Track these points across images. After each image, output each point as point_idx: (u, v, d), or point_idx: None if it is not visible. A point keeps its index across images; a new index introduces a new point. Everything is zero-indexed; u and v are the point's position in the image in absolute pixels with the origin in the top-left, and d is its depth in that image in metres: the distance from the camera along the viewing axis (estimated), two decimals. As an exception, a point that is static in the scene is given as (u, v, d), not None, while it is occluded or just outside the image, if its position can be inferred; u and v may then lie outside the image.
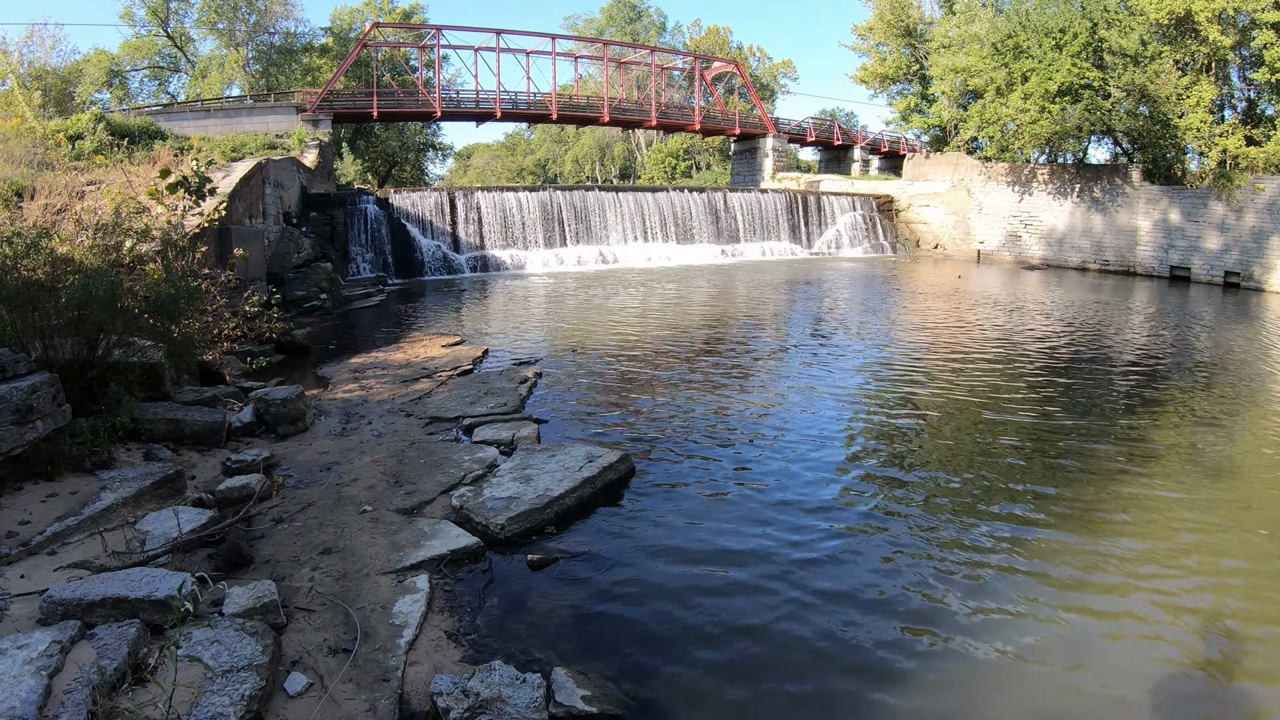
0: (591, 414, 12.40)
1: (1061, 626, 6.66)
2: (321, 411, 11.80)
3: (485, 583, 7.15)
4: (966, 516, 8.75)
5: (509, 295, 26.64)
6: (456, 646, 6.17)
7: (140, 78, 53.52)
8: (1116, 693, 5.83)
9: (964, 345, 18.48)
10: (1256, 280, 31.46)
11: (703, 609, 6.84)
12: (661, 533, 8.28)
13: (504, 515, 8.07)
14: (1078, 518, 8.73)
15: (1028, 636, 6.51)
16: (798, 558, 7.77)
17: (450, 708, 5.16)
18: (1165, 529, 8.50)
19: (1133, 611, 6.91)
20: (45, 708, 4.64)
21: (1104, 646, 6.41)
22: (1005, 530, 8.40)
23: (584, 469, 9.22)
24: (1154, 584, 7.35)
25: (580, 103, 53.89)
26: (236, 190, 20.71)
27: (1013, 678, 6.00)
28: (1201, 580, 7.47)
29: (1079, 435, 11.49)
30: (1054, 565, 7.68)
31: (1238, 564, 7.78)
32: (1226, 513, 8.95)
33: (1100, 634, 6.57)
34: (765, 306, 24.88)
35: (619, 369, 15.41)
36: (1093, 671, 6.09)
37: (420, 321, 21.02)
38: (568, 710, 5.35)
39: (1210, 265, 33.53)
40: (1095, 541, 8.16)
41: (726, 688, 5.85)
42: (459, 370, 14.62)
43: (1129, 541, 8.17)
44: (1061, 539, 8.22)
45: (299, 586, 6.72)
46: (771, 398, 13.47)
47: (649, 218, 38.81)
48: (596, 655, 6.15)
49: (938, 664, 6.14)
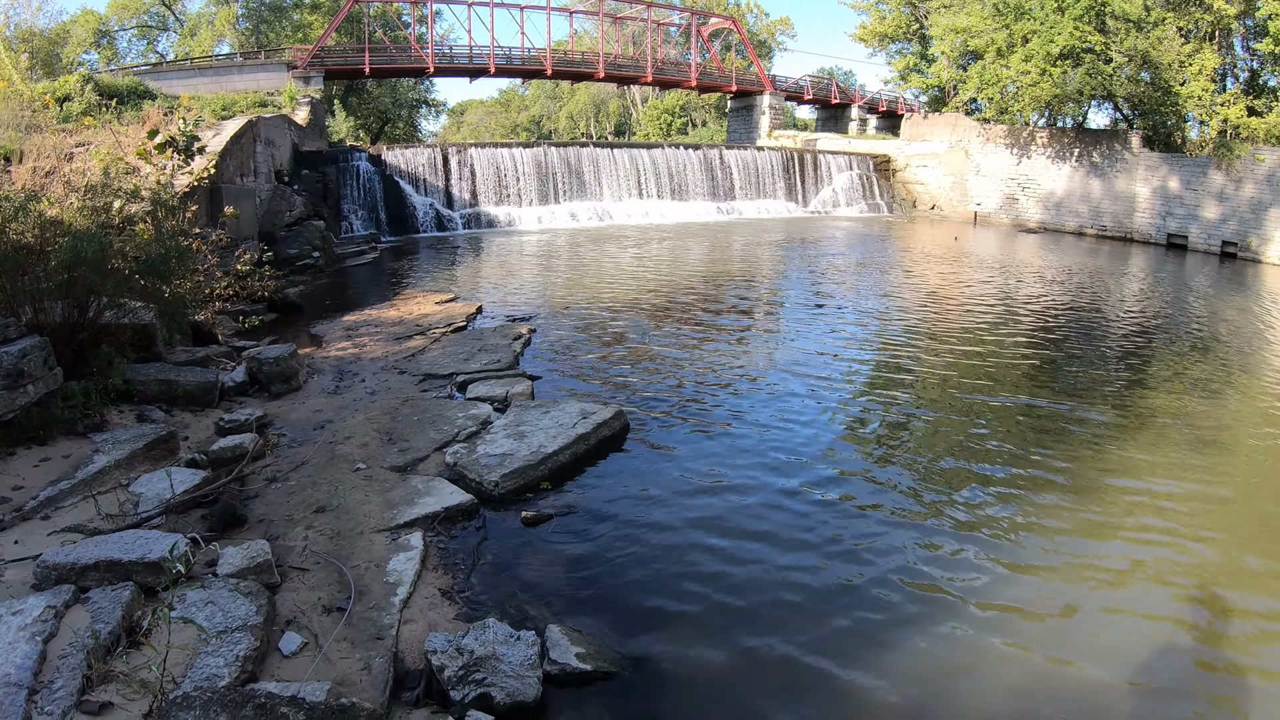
0: (586, 370, 12.34)
1: (1052, 589, 6.65)
2: (315, 370, 11.70)
3: (479, 540, 7.12)
4: (959, 478, 8.72)
5: (503, 252, 26.44)
6: (450, 604, 6.15)
7: (128, 37, 52.56)
8: (1106, 656, 5.82)
9: (959, 307, 18.39)
10: (1253, 251, 31.20)
11: (697, 566, 6.82)
12: (656, 489, 8.25)
13: (498, 472, 8.03)
14: (1070, 481, 8.70)
15: (1018, 599, 6.49)
16: (792, 516, 7.75)
17: (444, 666, 5.14)
18: (1157, 494, 8.47)
19: (1124, 576, 6.90)
20: (40, 673, 4.59)
21: (1094, 610, 6.39)
22: (996, 492, 8.38)
23: (578, 425, 9.18)
24: (1145, 549, 7.34)
25: (575, 58, 53.22)
26: (227, 149, 20.43)
27: (1003, 640, 5.97)
28: (1192, 545, 7.46)
29: (1072, 399, 11.44)
30: (1045, 527, 7.68)
31: (1229, 530, 7.76)
32: (1218, 479, 8.92)
33: (1091, 597, 6.56)
34: (761, 264, 24.74)
35: (613, 326, 15.32)
36: (1083, 635, 6.08)
37: (413, 279, 20.87)
38: (562, 668, 5.34)
39: (1208, 234, 33.25)
40: (1087, 505, 8.13)
41: (720, 644, 5.84)
42: (452, 327, 14.52)
43: (1121, 506, 8.15)
44: (1053, 501, 8.21)
45: (293, 545, 6.68)
46: (766, 355, 13.41)
47: (644, 175, 38.41)
48: (591, 612, 6.13)
49: (929, 625, 6.12)
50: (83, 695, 4.56)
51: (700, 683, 5.47)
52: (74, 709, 4.45)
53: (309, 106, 34.39)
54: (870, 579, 6.69)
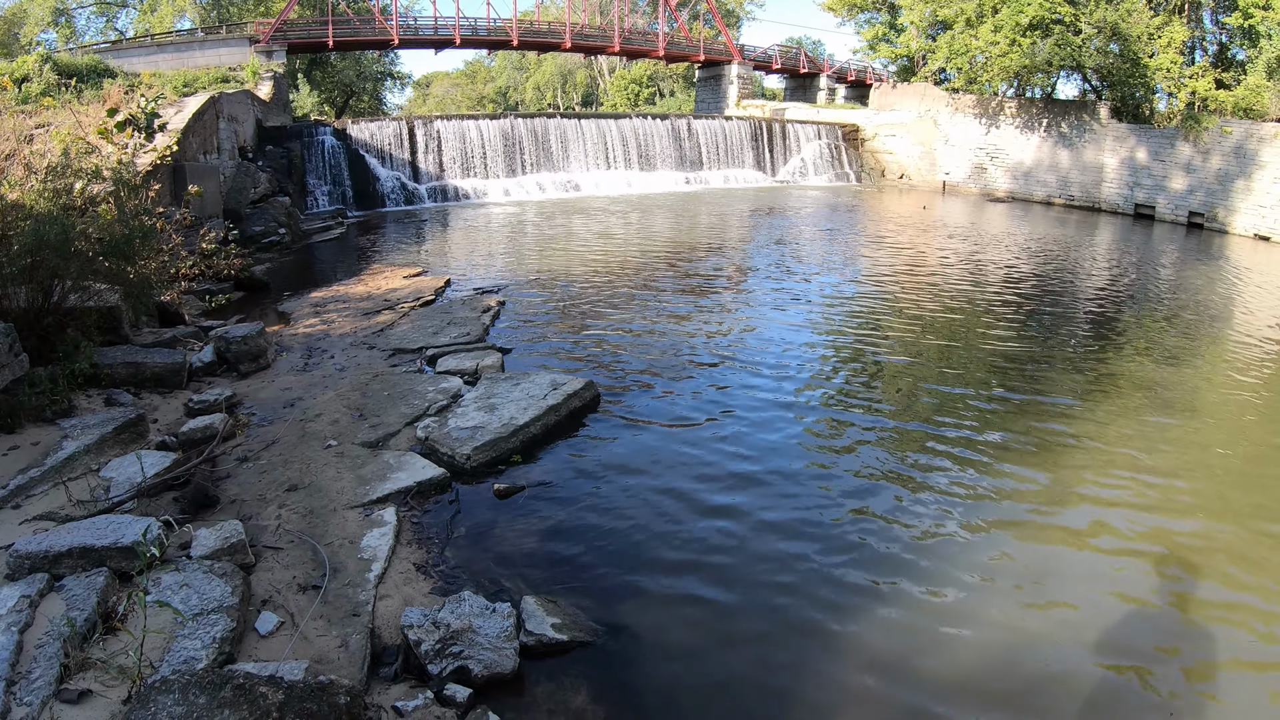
0: (556, 342, 12.30)
1: (1018, 556, 6.72)
2: (283, 348, 11.57)
3: (452, 514, 7.12)
4: (928, 444, 8.79)
5: (470, 225, 26.20)
6: (425, 578, 6.15)
7: (87, 15, 51.15)
8: (1072, 623, 5.89)
9: (927, 275, 18.45)
10: (1220, 222, 31.35)
11: (669, 534, 6.86)
12: (627, 459, 8.27)
13: (469, 445, 8.02)
14: (1037, 449, 8.78)
15: (985, 567, 6.56)
16: (764, 484, 7.79)
17: (421, 640, 5.14)
18: (1123, 461, 8.55)
19: (1091, 540, 6.98)
20: (18, 664, 4.56)
21: (1061, 577, 6.45)
22: (965, 459, 8.45)
23: (549, 397, 9.16)
24: (1111, 516, 7.41)
25: (542, 29, 52.47)
26: (189, 126, 20.05)
27: (969, 609, 6.04)
28: (1160, 508, 7.56)
29: (1040, 367, 11.53)
30: (1012, 492, 7.76)
31: (1193, 497, 7.85)
32: (1184, 447, 9.00)
33: (1057, 565, 6.63)
34: (729, 234, 24.67)
35: (583, 297, 15.26)
36: (1049, 600, 6.15)
37: (381, 253, 20.67)
38: (538, 639, 5.36)
39: (1175, 205, 33.37)
40: (1053, 473, 8.21)
41: (696, 613, 5.89)
42: (421, 301, 14.45)
43: (1088, 473, 8.22)
44: (1020, 470, 8.28)
45: (266, 525, 6.65)
46: (735, 325, 13.43)
47: (612, 145, 38.10)
48: (565, 583, 6.16)
49: (902, 593, 6.19)
50: (61, 684, 4.53)
51: (677, 651, 5.51)
52: (53, 698, 4.42)
53: (272, 81, 33.79)
54: (844, 547, 6.75)
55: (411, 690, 4.95)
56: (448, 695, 4.86)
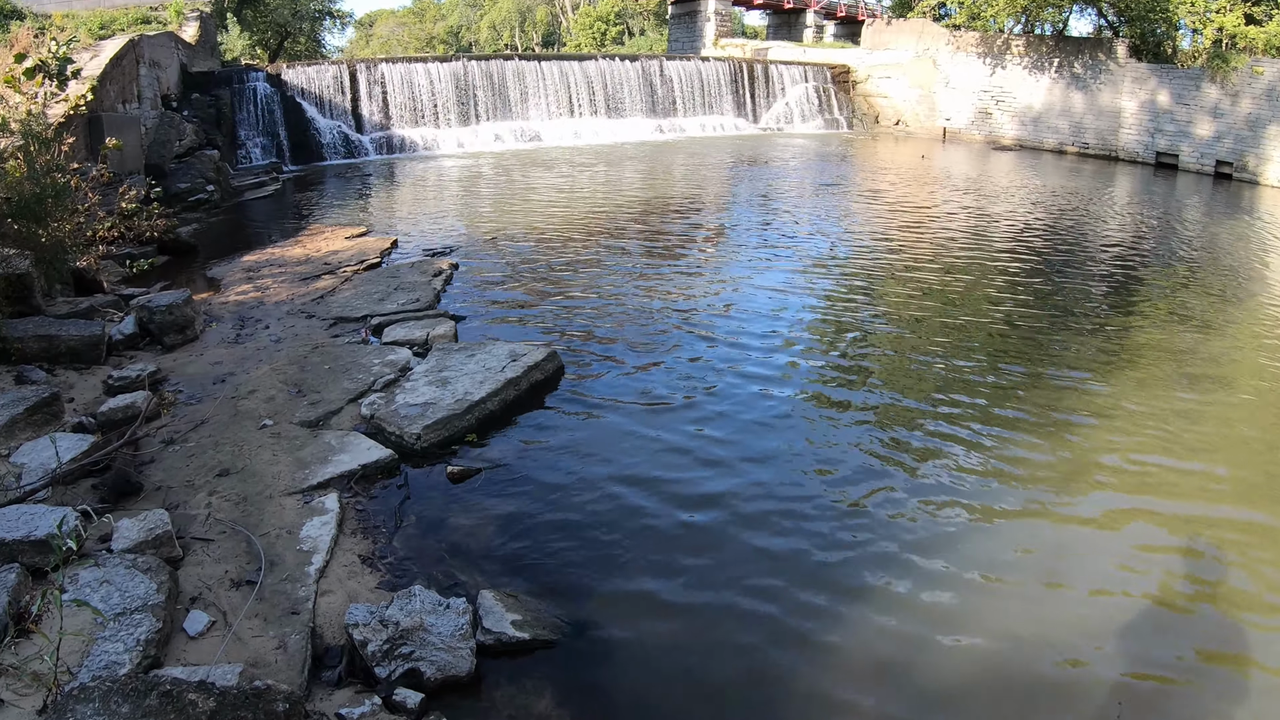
0: (514, 308, 12.25)
1: (1029, 540, 6.75)
2: (213, 317, 11.44)
3: (401, 499, 7.09)
4: (927, 419, 8.80)
5: (419, 179, 25.96)
6: (372, 572, 6.12)
7: (-11, -54, 50.44)
8: (1090, 612, 5.92)
9: (927, 233, 18.48)
10: (1250, 172, 31.20)
11: (641, 521, 6.86)
12: (595, 439, 8.25)
13: (419, 423, 7.97)
14: (1051, 423, 8.80)
15: (994, 551, 6.59)
16: (745, 471, 7.76)
17: (367, 640, 5.12)
18: (1146, 435, 8.58)
19: (1110, 537, 6.95)
20: (-81, 673, 4.51)
21: (1078, 563, 6.48)
22: (971, 436, 8.46)
23: (507, 369, 9.11)
24: (1133, 495, 7.43)
25: (493, -41, 52.06)
26: (106, 73, 19.64)
27: (979, 596, 6.06)
28: (1184, 491, 7.57)
29: (1053, 333, 11.56)
30: (1025, 474, 7.76)
31: (1223, 474, 7.88)
32: (1215, 425, 9.00)
33: (1074, 549, 6.65)
34: (707, 188, 24.59)
35: (544, 258, 15.19)
36: (1065, 590, 6.16)
37: (321, 212, 20.45)
38: (497, 637, 5.35)
39: (1200, 153, 33.24)
40: (1070, 449, 8.24)
41: (670, 606, 5.89)
42: (365, 264, 14.35)
43: (1108, 457, 8.19)
44: (1033, 444, 8.31)
45: (195, 514, 6.58)
46: (713, 290, 13.40)
47: (576, 90, 37.69)
48: (526, 575, 6.14)
49: (897, 580, 6.20)
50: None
51: (651, 651, 5.51)
52: (-43, 709, 4.38)
53: (198, 22, 33.13)
54: (834, 540, 6.74)
55: (357, 696, 4.92)
56: (397, 701, 4.84)
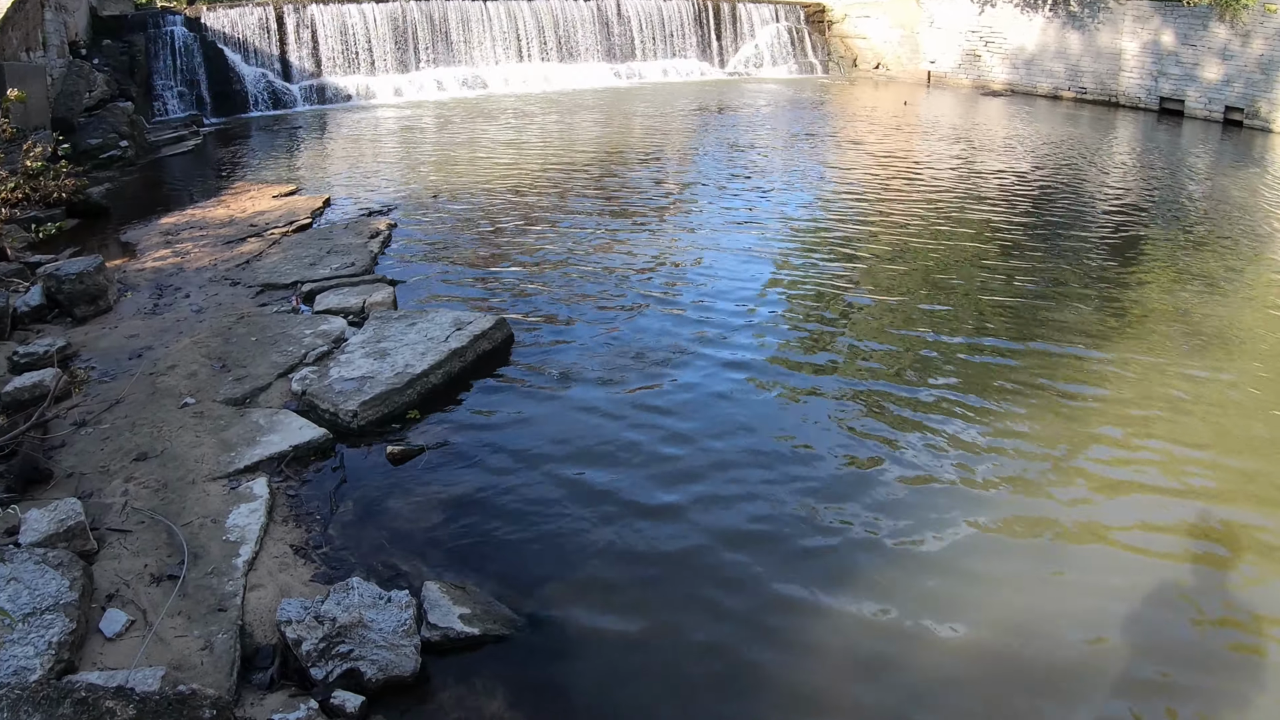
0: (459, 272, 12.15)
1: (1027, 522, 6.71)
2: (128, 286, 11.21)
3: (337, 483, 7.01)
4: (915, 396, 8.69)
5: (354, 132, 25.63)
6: (306, 563, 6.05)
7: None
8: (1090, 599, 5.88)
9: (911, 188, 18.40)
10: (1263, 119, 30.53)
11: (600, 503, 6.81)
12: (548, 413, 8.19)
13: (356, 400, 7.87)
14: (1046, 396, 8.74)
15: (986, 535, 6.54)
16: (709, 444, 7.71)
17: (302, 639, 5.03)
18: (1151, 405, 8.55)
19: (1110, 504, 6.94)
20: None
21: (1077, 546, 6.45)
22: (960, 411, 8.37)
23: (451, 339, 9.04)
24: (1135, 472, 7.41)
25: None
26: (8, 17, 19.12)
27: (969, 583, 6.01)
28: (1192, 463, 7.54)
29: (1049, 298, 11.47)
30: (1019, 451, 7.70)
31: (1232, 449, 7.85)
32: (1222, 387, 9.00)
33: (1072, 531, 6.61)
34: (669, 140, 24.41)
35: (491, 218, 15.04)
36: (1063, 575, 6.13)
37: (246, 168, 20.13)
38: (444, 633, 5.29)
39: (1208, 99, 32.73)
40: (1067, 425, 8.19)
41: (630, 597, 5.85)
42: (295, 225, 14.15)
43: (1106, 422, 8.20)
44: (1028, 419, 8.26)
45: (111, 503, 6.47)
46: (676, 251, 13.32)
47: (524, 32, 37.16)
48: (475, 565, 6.08)
49: (880, 569, 6.14)
50: None
51: (611, 643, 5.47)
52: None
53: (106, -41, 32.66)
54: (809, 518, 6.71)
55: (291, 700, 4.86)
56: (335, 704, 4.77)
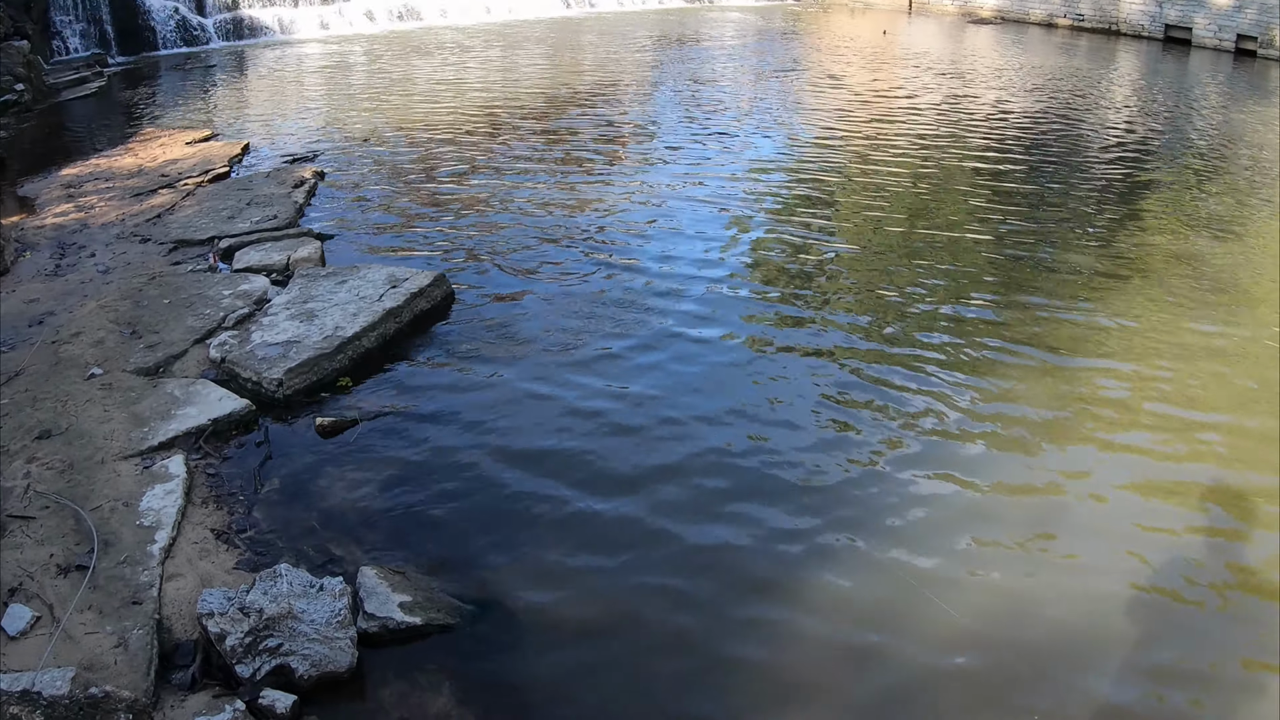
0: (393, 224, 12.06)
1: (1023, 492, 6.62)
2: (26, 245, 11.02)
3: (261, 459, 6.90)
4: (899, 360, 8.54)
5: (276, 70, 25.28)
6: (229, 549, 5.92)
7: None
8: (1094, 576, 5.80)
9: (892, 127, 18.31)
10: (1278, 47, 30.14)
11: (553, 480, 6.70)
12: (494, 379, 8.09)
13: (281, 367, 7.75)
14: (1043, 350, 8.67)
15: (980, 508, 6.45)
16: (671, 412, 7.62)
17: (226, 633, 4.90)
18: (1157, 363, 8.49)
19: (1118, 461, 6.90)
20: None
21: (1078, 517, 6.38)
22: (949, 375, 8.24)
23: (386, 298, 8.96)
24: (1142, 433, 7.34)
25: None
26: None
27: (961, 563, 5.92)
28: (1203, 423, 7.49)
29: (1045, 248, 11.40)
30: (1014, 416, 7.59)
31: (1248, 402, 7.81)
32: (1235, 338, 8.96)
33: (1074, 498, 6.55)
34: (625, 76, 24.31)
35: (429, 165, 14.94)
36: (1064, 551, 6.04)
37: (155, 112, 19.84)
38: (382, 623, 5.18)
39: (1218, 26, 32.14)
40: (1066, 382, 8.12)
41: (589, 582, 5.75)
42: (211, 175, 13.98)
43: (1110, 378, 8.15)
44: (1026, 370, 8.21)
45: (11, 486, 6.33)
46: (633, 200, 13.21)
47: (462, -46, 37.07)
48: (416, 548, 5.98)
49: (864, 549, 6.03)
50: None
51: (568, 632, 5.36)
52: None
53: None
54: (782, 490, 6.61)
55: (215, 700, 4.73)
56: (264, 705, 4.66)
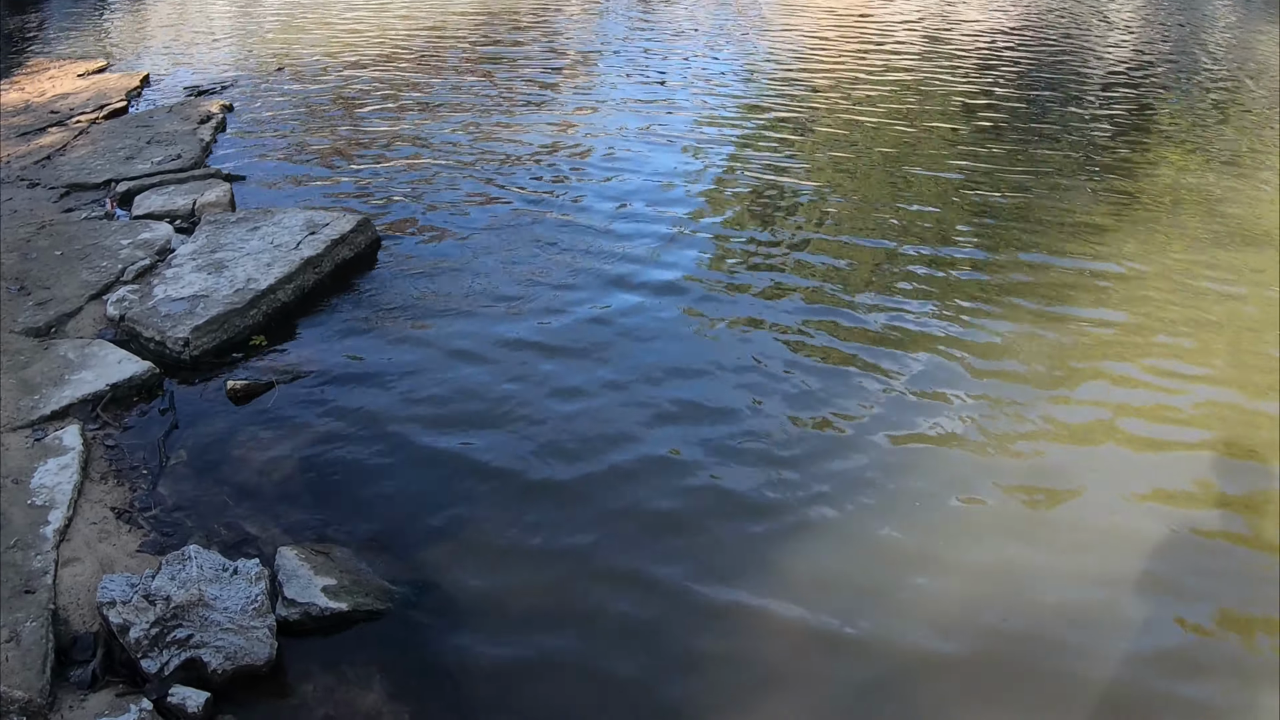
0: (311, 164, 11.81)
1: (1014, 463, 6.48)
2: (-105, 192, 10.59)
3: (167, 428, 6.68)
4: (877, 312, 8.34)
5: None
6: (132, 530, 5.71)
7: None
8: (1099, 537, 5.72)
9: (867, 50, 18.14)
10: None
11: (492, 448, 6.52)
12: (425, 333, 7.93)
13: (187, 324, 7.52)
14: (1037, 304, 8.51)
15: (967, 482, 6.28)
16: (623, 372, 7.47)
17: (129, 624, 4.71)
18: (1164, 317, 8.33)
19: (1117, 437, 6.74)
20: None
21: (1083, 471, 6.28)
22: (938, 328, 8.06)
23: (304, 245, 8.76)
24: (1148, 387, 7.23)
25: None
26: None
27: (949, 540, 5.77)
28: (1218, 377, 7.38)
29: (1039, 185, 11.22)
30: (1004, 374, 7.46)
31: (1263, 354, 7.72)
32: (1254, 283, 8.85)
33: (1072, 470, 6.40)
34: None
35: (349, 96, 14.74)
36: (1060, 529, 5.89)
37: (43, 41, 19.29)
38: (305, 610, 5.01)
39: None
40: (1070, 325, 8.00)
41: (536, 563, 5.58)
42: (107, 110, 13.68)
43: (1117, 325, 8.03)
44: (1014, 338, 7.98)
45: (-116, 463, 6.03)
46: (576, 137, 13.00)
47: None
48: (341, 525, 5.81)
49: (838, 532, 5.84)
50: None
51: (514, 618, 5.20)
52: None
53: None
54: (750, 464, 6.41)
55: (119, 700, 4.56)
56: (174, 704, 4.49)
